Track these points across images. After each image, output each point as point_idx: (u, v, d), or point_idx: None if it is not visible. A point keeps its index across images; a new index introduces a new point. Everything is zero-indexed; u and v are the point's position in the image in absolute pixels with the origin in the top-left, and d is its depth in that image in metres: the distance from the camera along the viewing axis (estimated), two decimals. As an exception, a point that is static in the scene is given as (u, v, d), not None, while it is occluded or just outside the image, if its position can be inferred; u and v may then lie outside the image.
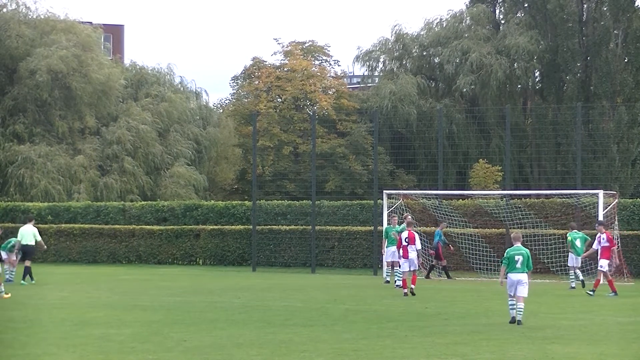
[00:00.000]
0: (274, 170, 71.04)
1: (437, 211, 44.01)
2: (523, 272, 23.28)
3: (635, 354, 18.64)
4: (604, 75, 69.30)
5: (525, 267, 23.30)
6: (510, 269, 23.32)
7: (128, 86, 69.51)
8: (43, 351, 18.19)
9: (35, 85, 62.42)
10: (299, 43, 76.41)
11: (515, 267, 23.27)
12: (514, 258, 23.32)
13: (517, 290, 23.17)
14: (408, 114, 70.05)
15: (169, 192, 63.28)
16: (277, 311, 25.66)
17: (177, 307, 26.98)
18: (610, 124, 68.31)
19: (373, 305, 27.85)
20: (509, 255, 23.44)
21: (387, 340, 19.96)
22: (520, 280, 23.21)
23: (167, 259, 50.68)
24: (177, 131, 67.85)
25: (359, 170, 70.82)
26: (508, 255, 23.46)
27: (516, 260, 23.29)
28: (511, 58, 71.15)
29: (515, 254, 23.37)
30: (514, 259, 23.31)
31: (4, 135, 62.48)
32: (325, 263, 47.14)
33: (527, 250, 23.66)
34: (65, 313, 25.07)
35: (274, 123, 72.13)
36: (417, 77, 72.85)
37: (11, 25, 64.85)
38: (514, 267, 23.29)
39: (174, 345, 19.00)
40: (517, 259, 23.30)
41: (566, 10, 70.33)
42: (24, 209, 54.37)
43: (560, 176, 66.37)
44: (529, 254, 23.52)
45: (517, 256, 23.33)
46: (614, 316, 25.61)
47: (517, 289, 23.17)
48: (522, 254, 23.36)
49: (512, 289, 23.21)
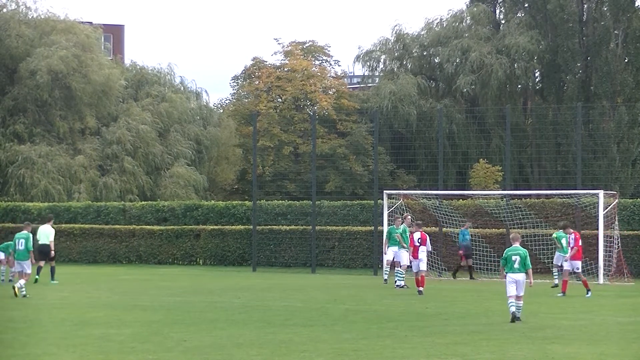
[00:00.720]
0: (274, 171, 71.01)
1: (438, 211, 44.01)
2: (521, 271, 23.61)
3: (635, 354, 18.63)
4: (604, 75, 69.29)
5: (522, 267, 23.61)
6: (508, 269, 23.69)
7: (128, 86, 69.49)
8: (43, 351, 18.19)
9: (36, 85, 62.42)
10: (299, 43, 76.39)
11: (513, 267, 23.62)
12: (511, 258, 23.68)
13: (517, 288, 23.52)
14: (408, 114, 70.04)
15: (168, 192, 63.24)
16: (277, 311, 25.66)
17: (177, 307, 26.98)
18: (611, 124, 68.29)
19: (373, 305, 27.85)
20: (507, 255, 23.83)
21: (387, 340, 19.96)
22: (518, 280, 23.58)
23: (167, 259, 50.69)
24: (178, 131, 67.82)
25: (359, 170, 70.80)
26: (506, 256, 23.86)
27: (513, 260, 23.63)
28: (511, 58, 71.13)
29: (513, 254, 23.72)
30: (512, 259, 23.66)
31: (4, 135, 62.48)
32: (325, 263, 47.14)
33: (525, 250, 23.94)
34: (66, 313, 25.07)
35: (274, 123, 72.10)
36: (418, 77, 72.84)
37: (11, 25, 64.85)
38: (512, 267, 23.64)
39: (174, 345, 19.00)
40: (515, 259, 23.63)
41: (566, 10, 70.31)
42: (24, 209, 54.40)
43: (561, 176, 66.37)
44: (527, 254, 23.81)
45: (514, 256, 23.67)
46: (614, 316, 25.61)
47: (517, 287, 23.52)
48: (519, 254, 23.68)
49: (511, 288, 23.50)
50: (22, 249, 31.18)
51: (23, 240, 31.36)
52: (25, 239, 31.39)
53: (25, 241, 31.29)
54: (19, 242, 31.42)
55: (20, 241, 31.39)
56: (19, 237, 31.64)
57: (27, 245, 31.23)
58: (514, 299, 23.52)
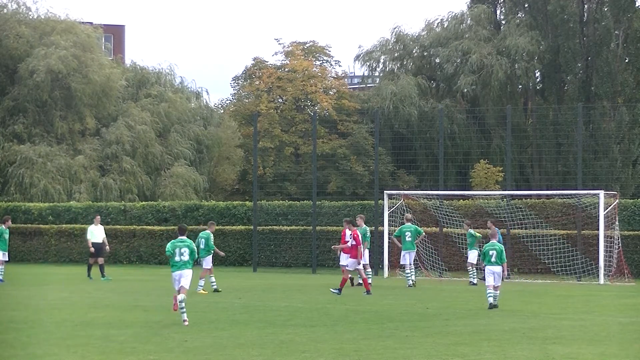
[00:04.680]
0: (274, 172, 70.96)
1: (438, 211, 44.03)
2: (498, 264, 26.71)
3: (636, 354, 18.63)
4: (605, 75, 69.30)
5: (499, 260, 26.66)
6: (487, 262, 26.84)
7: (129, 86, 69.50)
8: (44, 352, 18.20)
9: (35, 85, 62.42)
10: (300, 43, 76.37)
11: (491, 260, 26.71)
12: (489, 252, 26.77)
13: (494, 279, 26.62)
14: (409, 114, 70.07)
15: (167, 192, 63.19)
16: (278, 311, 25.67)
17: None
18: (611, 125, 68.30)
19: (374, 306, 27.85)
20: (485, 250, 26.97)
21: (388, 340, 19.96)
22: (495, 272, 26.67)
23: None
24: (178, 131, 67.77)
25: (360, 170, 70.78)
26: (484, 251, 27.02)
27: (491, 254, 26.71)
28: (512, 58, 71.13)
29: (490, 249, 26.81)
30: (489, 253, 26.75)
31: (4, 135, 62.49)
32: (326, 263, 47.12)
33: (501, 245, 27.06)
34: (67, 313, 25.08)
35: (275, 124, 72.10)
36: (418, 78, 72.86)
37: (11, 25, 64.86)
38: (489, 260, 26.76)
39: (175, 346, 19.01)
40: (492, 253, 26.70)
41: (567, 11, 70.32)
42: (24, 209, 54.40)
43: (561, 176, 66.38)
44: (502, 249, 26.91)
45: (491, 251, 26.73)
46: (615, 317, 25.61)
47: (494, 278, 26.62)
48: (495, 248, 26.76)
49: (490, 279, 26.58)
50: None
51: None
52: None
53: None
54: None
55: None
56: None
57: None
58: (492, 289, 26.50)
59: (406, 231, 36.15)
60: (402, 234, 36.30)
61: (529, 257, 42.82)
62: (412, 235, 36.04)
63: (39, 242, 53.02)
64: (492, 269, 26.60)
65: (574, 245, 41.67)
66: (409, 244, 35.94)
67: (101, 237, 40.50)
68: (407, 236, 35.99)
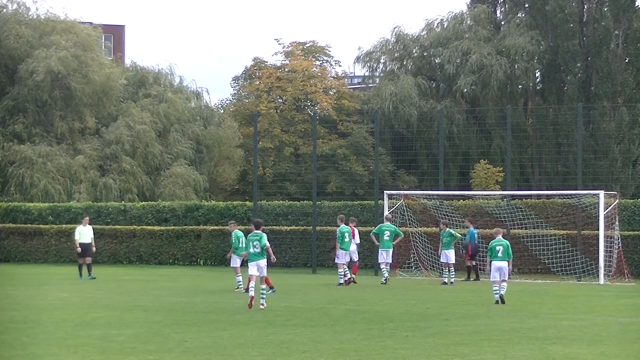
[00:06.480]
0: (274, 172, 70.93)
1: (438, 211, 44.02)
2: (504, 259, 27.51)
3: (636, 354, 18.63)
4: (605, 75, 69.31)
5: (505, 255, 27.47)
6: (493, 257, 27.54)
7: (129, 86, 69.48)
8: (44, 352, 18.19)
9: (35, 85, 62.43)
10: (299, 43, 76.36)
11: (497, 255, 27.49)
12: (495, 248, 27.52)
13: (500, 275, 27.40)
14: (409, 114, 70.06)
15: (167, 192, 63.16)
16: (278, 312, 25.66)
17: (178, 307, 26.98)
18: (611, 125, 68.30)
19: (374, 306, 27.86)
20: (492, 246, 27.69)
21: (388, 340, 19.96)
22: (501, 267, 27.49)
23: (168, 260, 50.70)
24: (177, 131, 67.74)
25: (360, 171, 70.77)
26: (491, 247, 27.72)
27: (497, 250, 27.46)
28: (511, 59, 71.13)
29: (497, 244, 27.59)
30: (496, 249, 27.49)
31: (4, 135, 62.49)
32: (326, 263, 47.08)
33: (507, 242, 27.87)
34: (66, 313, 25.07)
35: (275, 124, 72.09)
36: (418, 78, 72.84)
37: (11, 25, 64.86)
38: (496, 255, 27.51)
39: (175, 346, 19.00)
40: (499, 249, 27.47)
41: (566, 11, 70.33)
42: (24, 209, 54.39)
43: (561, 177, 66.38)
44: (509, 244, 27.71)
45: (498, 246, 27.51)
46: (615, 317, 25.60)
47: (500, 274, 27.42)
48: (502, 244, 27.55)
49: (496, 274, 27.30)
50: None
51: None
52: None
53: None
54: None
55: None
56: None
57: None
58: (498, 285, 27.33)
59: (385, 230, 37.77)
60: (380, 232, 37.86)
61: (529, 257, 42.79)
62: (391, 235, 37.58)
63: (39, 242, 53.01)
64: (498, 265, 27.38)
65: (574, 245, 41.66)
66: (387, 243, 37.55)
67: (89, 238, 40.78)
68: (385, 235, 37.62)
